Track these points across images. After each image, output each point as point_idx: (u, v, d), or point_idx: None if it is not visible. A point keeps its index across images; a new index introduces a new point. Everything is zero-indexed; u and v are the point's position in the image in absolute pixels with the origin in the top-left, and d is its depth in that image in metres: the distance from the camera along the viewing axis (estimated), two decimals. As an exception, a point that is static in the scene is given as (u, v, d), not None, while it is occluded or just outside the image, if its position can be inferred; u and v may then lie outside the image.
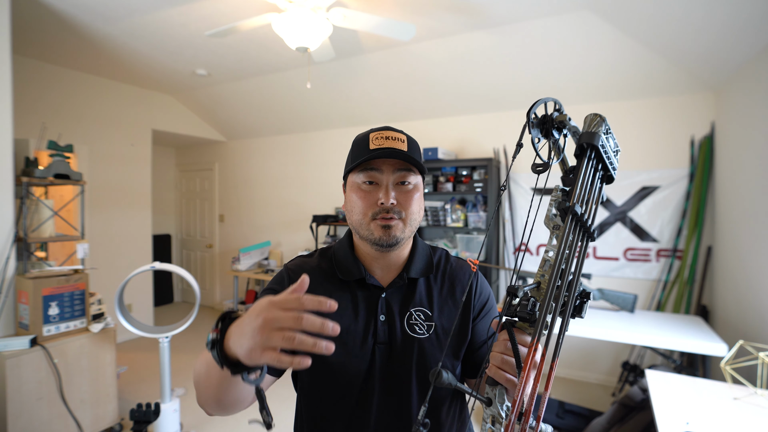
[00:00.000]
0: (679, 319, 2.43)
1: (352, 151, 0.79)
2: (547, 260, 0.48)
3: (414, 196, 0.77)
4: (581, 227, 0.46)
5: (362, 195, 0.75)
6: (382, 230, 0.74)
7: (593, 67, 2.71)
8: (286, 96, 3.85)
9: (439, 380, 0.43)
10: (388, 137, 0.75)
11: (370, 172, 0.75)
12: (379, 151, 0.73)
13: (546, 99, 0.51)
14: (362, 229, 0.76)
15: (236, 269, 4.32)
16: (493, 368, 0.52)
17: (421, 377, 0.75)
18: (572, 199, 0.46)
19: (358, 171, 0.76)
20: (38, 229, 2.29)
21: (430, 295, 0.81)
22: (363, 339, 0.76)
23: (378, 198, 0.74)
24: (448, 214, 3.37)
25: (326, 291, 0.80)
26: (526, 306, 0.47)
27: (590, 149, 0.48)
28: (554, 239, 0.49)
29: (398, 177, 0.75)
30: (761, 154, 2.08)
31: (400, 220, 0.75)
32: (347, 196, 0.80)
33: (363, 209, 0.75)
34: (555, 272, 0.44)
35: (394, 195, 0.74)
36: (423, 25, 2.51)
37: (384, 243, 0.74)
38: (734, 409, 1.43)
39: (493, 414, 0.48)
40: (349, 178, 0.79)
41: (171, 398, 2.22)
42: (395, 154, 0.73)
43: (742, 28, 2.01)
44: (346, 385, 0.75)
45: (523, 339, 0.51)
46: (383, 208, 0.74)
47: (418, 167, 0.76)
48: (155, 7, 2.42)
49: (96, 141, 3.75)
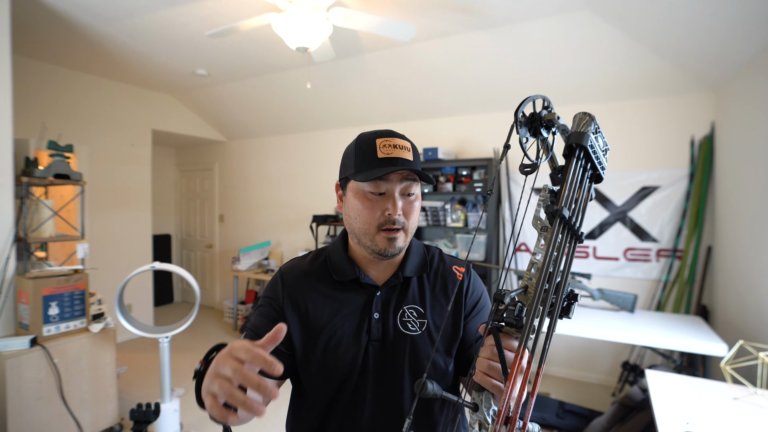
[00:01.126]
0: (679, 319, 2.43)
1: (357, 155, 0.76)
2: (534, 263, 0.47)
3: (416, 206, 0.78)
4: (569, 230, 0.45)
5: (369, 204, 0.75)
6: (387, 242, 0.74)
7: (593, 67, 2.71)
8: (286, 96, 3.85)
9: (424, 391, 0.43)
10: (396, 145, 0.75)
11: (378, 182, 0.74)
12: (389, 161, 0.73)
13: (534, 96, 0.50)
14: (365, 238, 0.76)
15: (236, 269, 4.32)
16: (479, 374, 0.52)
17: (414, 374, 0.76)
18: (560, 203, 0.45)
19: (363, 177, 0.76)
20: (38, 229, 2.29)
21: (423, 293, 0.82)
22: (357, 336, 0.77)
23: (386, 208, 0.74)
24: (448, 214, 3.37)
25: (320, 292, 0.80)
26: (513, 311, 0.47)
27: (579, 149, 0.47)
28: (542, 240, 0.48)
29: (404, 188, 0.76)
30: (761, 154, 2.08)
31: (403, 231, 0.76)
32: (349, 201, 0.78)
33: (369, 219, 0.75)
34: (542, 276, 0.44)
35: (401, 205, 0.75)
36: (423, 25, 2.51)
37: (388, 255, 0.75)
38: (734, 409, 1.42)
39: (479, 419, 0.48)
40: (352, 183, 0.77)
41: (171, 398, 2.22)
42: (405, 166, 0.73)
43: (742, 28, 2.00)
44: (340, 381, 0.76)
45: (510, 344, 0.50)
46: (389, 219, 0.74)
47: (425, 179, 0.76)
48: (155, 8, 2.42)
49: (96, 141, 3.75)
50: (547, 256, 0.44)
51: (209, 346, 3.23)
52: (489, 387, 0.50)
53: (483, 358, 0.52)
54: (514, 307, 0.47)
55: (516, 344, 0.51)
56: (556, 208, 0.44)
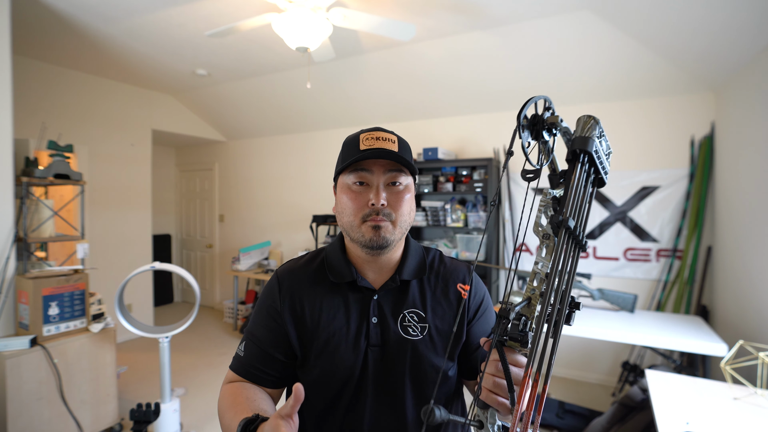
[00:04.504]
0: (679, 319, 2.43)
1: (343, 151, 0.78)
2: (537, 273, 0.46)
3: (404, 197, 0.76)
4: (573, 240, 0.44)
5: (353, 196, 0.75)
6: (372, 231, 0.73)
7: (593, 67, 2.71)
8: (286, 96, 3.85)
9: (432, 419, 0.43)
10: (379, 137, 0.74)
11: (360, 172, 0.74)
12: (369, 152, 0.72)
13: (536, 98, 0.48)
14: (353, 231, 0.75)
15: (236, 269, 4.32)
16: (485, 391, 0.51)
17: (415, 378, 0.75)
18: (565, 212, 0.43)
19: (348, 172, 0.75)
20: (38, 229, 2.29)
21: (424, 297, 0.80)
22: (355, 341, 0.76)
23: (368, 199, 0.73)
24: (448, 214, 3.37)
25: (317, 294, 0.79)
26: (517, 326, 0.45)
27: (583, 155, 0.45)
28: (544, 249, 0.46)
29: (389, 178, 0.74)
30: (761, 154, 2.08)
31: (390, 222, 0.74)
32: (338, 197, 0.79)
33: (353, 210, 0.74)
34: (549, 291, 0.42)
35: (385, 196, 0.73)
36: (423, 25, 2.50)
37: (374, 245, 0.73)
38: (734, 409, 1.43)
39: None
40: (339, 179, 0.78)
41: (171, 398, 2.22)
42: (385, 155, 0.72)
43: (742, 28, 2.01)
44: (339, 387, 0.75)
45: (515, 359, 0.50)
46: (374, 210, 0.73)
47: (409, 168, 0.75)
48: (155, 7, 2.42)
49: (96, 141, 3.75)
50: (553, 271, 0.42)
51: (209, 346, 3.22)
52: (495, 405, 0.50)
53: (488, 374, 0.52)
54: (518, 321, 0.46)
55: (520, 358, 0.50)
56: (561, 219, 0.43)
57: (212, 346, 3.89)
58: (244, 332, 0.83)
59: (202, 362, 3.49)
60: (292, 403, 0.56)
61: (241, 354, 0.80)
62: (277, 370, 0.78)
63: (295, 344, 0.78)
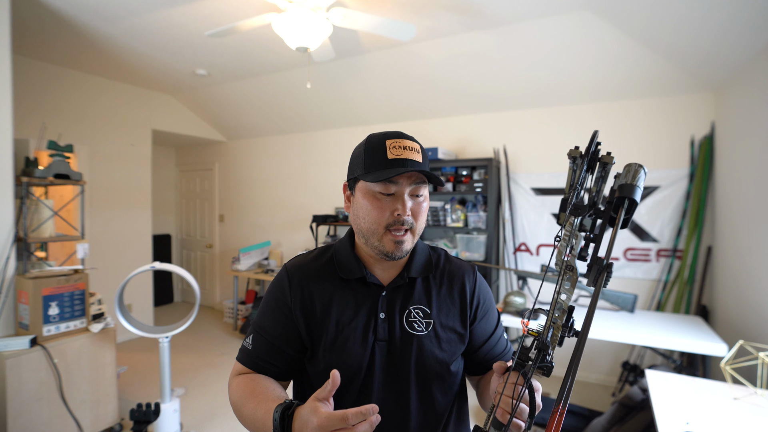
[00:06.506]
0: (679, 319, 2.43)
1: (367, 156, 0.76)
2: (559, 303, 0.48)
3: (425, 207, 0.79)
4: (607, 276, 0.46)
5: (378, 204, 0.75)
6: (394, 245, 0.75)
7: (593, 67, 2.71)
8: (286, 96, 3.85)
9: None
10: (405, 147, 0.75)
11: (387, 183, 0.74)
12: (399, 163, 0.73)
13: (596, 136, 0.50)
14: (373, 238, 0.76)
15: (236, 269, 4.32)
16: (501, 411, 0.56)
17: (420, 373, 0.77)
18: (606, 257, 0.45)
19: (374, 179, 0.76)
20: (38, 229, 2.29)
21: (429, 294, 0.82)
22: (363, 336, 0.77)
23: (395, 209, 0.74)
24: (448, 214, 3.37)
25: (326, 289, 0.81)
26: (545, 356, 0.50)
27: (629, 202, 0.46)
28: (567, 281, 0.48)
29: (414, 189, 0.76)
30: (761, 154, 2.08)
31: (410, 232, 0.76)
32: (358, 201, 0.79)
33: (377, 219, 0.75)
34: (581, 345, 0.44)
35: (410, 206, 0.75)
36: (423, 25, 2.51)
37: (394, 257, 0.76)
38: (734, 409, 1.43)
39: None
40: (361, 184, 0.78)
41: (171, 398, 2.22)
42: (415, 167, 0.74)
43: (742, 28, 2.01)
44: (347, 380, 0.76)
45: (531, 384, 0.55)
46: (398, 220, 0.74)
47: (434, 181, 0.76)
48: (155, 7, 2.42)
49: (96, 141, 3.75)
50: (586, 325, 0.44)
51: (209, 346, 3.23)
52: (512, 426, 0.54)
53: (506, 396, 0.56)
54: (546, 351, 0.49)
55: (535, 383, 0.56)
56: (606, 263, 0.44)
57: (212, 347, 3.89)
58: (252, 325, 0.84)
59: (202, 362, 3.50)
60: (330, 387, 0.60)
61: (249, 347, 0.81)
62: (285, 363, 0.80)
63: (305, 338, 0.79)
